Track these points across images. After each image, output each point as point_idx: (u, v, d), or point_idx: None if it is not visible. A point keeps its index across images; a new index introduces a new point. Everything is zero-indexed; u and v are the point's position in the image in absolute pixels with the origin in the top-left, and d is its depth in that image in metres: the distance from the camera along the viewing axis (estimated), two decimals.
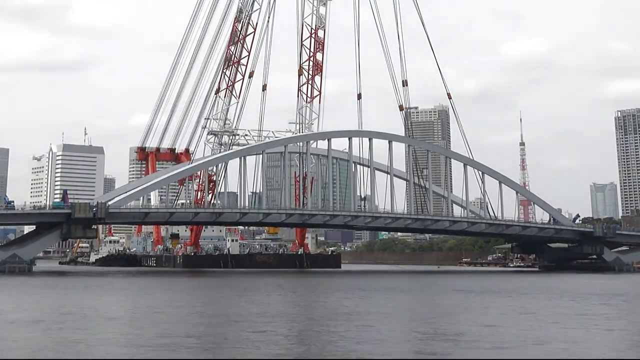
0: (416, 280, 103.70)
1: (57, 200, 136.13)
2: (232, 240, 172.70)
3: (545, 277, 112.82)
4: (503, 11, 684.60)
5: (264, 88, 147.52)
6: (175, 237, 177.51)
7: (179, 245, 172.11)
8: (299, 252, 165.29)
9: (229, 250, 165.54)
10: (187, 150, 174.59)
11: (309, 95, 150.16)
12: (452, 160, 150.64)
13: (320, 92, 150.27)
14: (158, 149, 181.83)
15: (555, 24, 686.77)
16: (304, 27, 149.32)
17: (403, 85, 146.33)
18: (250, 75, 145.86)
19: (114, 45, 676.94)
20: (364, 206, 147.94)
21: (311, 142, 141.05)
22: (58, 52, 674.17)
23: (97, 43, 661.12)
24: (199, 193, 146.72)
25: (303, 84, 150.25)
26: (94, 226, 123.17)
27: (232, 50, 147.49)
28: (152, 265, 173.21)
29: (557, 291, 71.29)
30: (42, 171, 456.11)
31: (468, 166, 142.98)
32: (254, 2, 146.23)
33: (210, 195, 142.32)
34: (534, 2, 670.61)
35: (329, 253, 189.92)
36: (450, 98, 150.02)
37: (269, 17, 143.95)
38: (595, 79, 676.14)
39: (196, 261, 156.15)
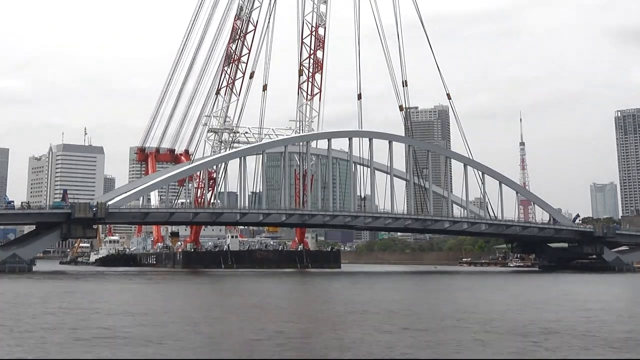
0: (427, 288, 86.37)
1: (57, 200, 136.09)
2: (232, 237, 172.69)
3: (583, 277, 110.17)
4: None
5: (265, 88, 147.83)
6: (175, 235, 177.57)
7: (179, 243, 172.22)
8: (299, 249, 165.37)
9: (228, 247, 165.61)
10: (186, 151, 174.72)
11: (309, 93, 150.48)
12: (452, 160, 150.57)
13: (320, 90, 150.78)
14: (158, 150, 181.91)
15: None
16: (305, 24, 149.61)
17: (403, 86, 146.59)
18: (251, 76, 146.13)
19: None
20: (364, 206, 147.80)
21: (311, 142, 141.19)
22: None
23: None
24: (199, 191, 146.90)
25: (303, 82, 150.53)
26: (94, 226, 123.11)
27: (232, 48, 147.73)
28: (152, 264, 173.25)
29: None
30: (42, 171, 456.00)
31: (468, 166, 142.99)
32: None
33: (210, 194, 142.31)
34: None
35: (329, 250, 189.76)
36: (449, 98, 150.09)
37: (269, 15, 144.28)
38: None
39: (196, 258, 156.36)
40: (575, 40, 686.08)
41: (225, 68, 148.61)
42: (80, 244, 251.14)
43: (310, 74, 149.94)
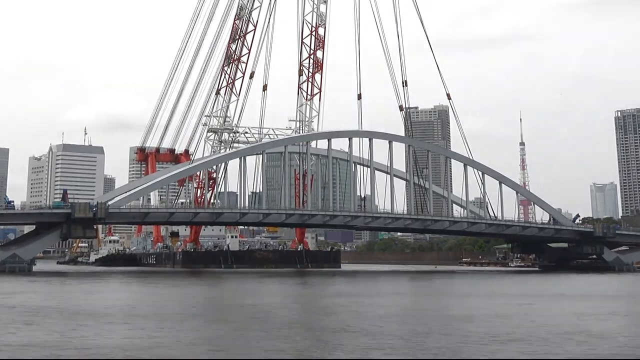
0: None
1: (57, 200, 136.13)
2: (232, 237, 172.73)
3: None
4: None
5: (265, 88, 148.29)
6: (175, 235, 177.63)
7: (179, 243, 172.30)
8: (299, 249, 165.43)
9: (228, 247, 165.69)
10: (186, 151, 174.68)
11: (309, 92, 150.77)
12: (452, 160, 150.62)
13: (320, 89, 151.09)
14: (158, 150, 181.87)
15: None
16: (305, 24, 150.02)
17: (403, 86, 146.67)
18: (251, 76, 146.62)
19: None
20: (364, 206, 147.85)
21: (311, 142, 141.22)
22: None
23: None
24: (199, 191, 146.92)
25: (303, 82, 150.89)
26: (94, 226, 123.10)
27: (232, 48, 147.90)
28: (152, 264, 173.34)
29: None
30: (42, 171, 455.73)
31: (468, 166, 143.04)
32: None
33: (210, 194, 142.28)
34: None
35: (329, 249, 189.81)
36: (449, 98, 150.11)
37: (269, 15, 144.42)
38: None
39: (195, 258, 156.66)
40: None
41: (225, 68, 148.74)
42: (80, 244, 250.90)
43: (310, 74, 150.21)
